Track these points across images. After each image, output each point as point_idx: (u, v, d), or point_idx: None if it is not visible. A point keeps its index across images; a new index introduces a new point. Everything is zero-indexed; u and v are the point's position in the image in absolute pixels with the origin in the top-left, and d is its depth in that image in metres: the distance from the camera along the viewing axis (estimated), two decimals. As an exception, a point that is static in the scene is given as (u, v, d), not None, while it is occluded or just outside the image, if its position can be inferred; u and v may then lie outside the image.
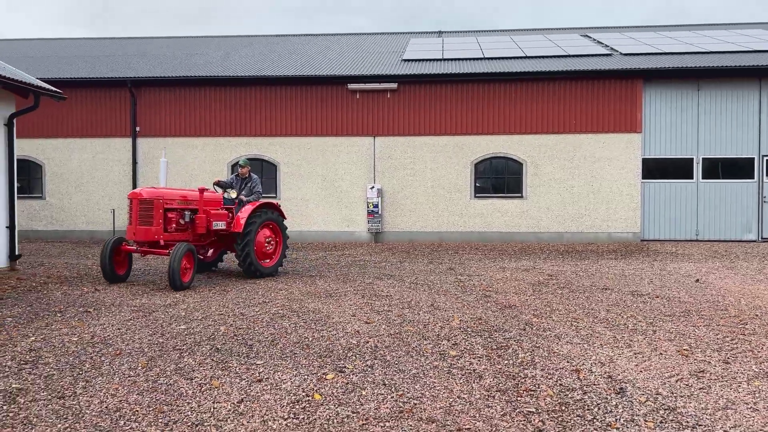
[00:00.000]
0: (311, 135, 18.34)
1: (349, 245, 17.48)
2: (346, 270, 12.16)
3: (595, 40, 22.64)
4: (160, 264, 12.66)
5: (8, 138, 11.20)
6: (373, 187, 18.00)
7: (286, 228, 11.62)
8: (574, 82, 17.81)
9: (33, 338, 6.24)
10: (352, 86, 17.98)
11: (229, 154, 18.41)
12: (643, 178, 17.84)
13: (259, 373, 5.17)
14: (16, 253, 11.40)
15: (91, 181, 18.68)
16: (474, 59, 19.74)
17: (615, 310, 8.11)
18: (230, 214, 10.94)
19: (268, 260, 11.15)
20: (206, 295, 8.98)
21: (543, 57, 19.60)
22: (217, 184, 11.56)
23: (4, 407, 4.29)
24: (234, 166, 18.54)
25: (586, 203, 17.85)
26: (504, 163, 18.08)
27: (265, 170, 18.51)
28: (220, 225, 10.60)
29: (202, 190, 10.57)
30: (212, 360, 5.54)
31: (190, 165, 18.46)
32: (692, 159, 17.82)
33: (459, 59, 19.76)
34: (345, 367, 5.34)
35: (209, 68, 19.29)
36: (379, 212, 18.08)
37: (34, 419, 4.08)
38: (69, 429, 3.93)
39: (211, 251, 11.50)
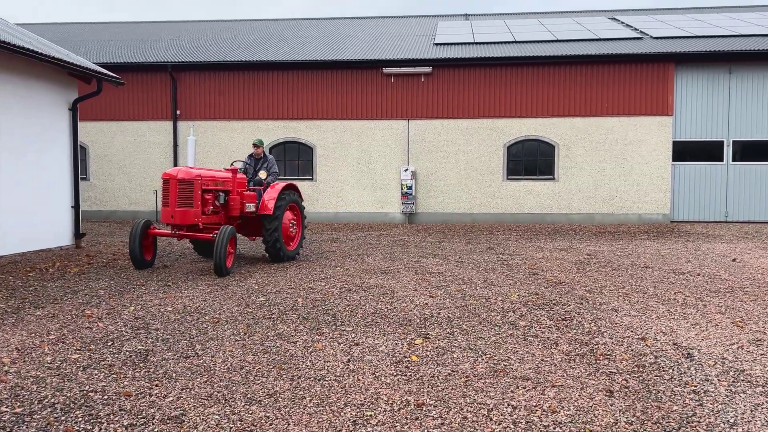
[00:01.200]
0: (347, 118, 18.76)
1: (384, 226, 17.97)
2: (389, 249, 12.63)
3: (623, 23, 22.76)
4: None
5: (72, 122, 11.75)
6: (407, 169, 18.43)
7: (305, 215, 11.32)
8: (606, 65, 18.05)
9: (132, 308, 6.79)
10: (387, 70, 18.35)
11: (266, 137, 18.88)
12: (673, 160, 18.12)
13: (351, 338, 5.67)
14: (80, 231, 11.99)
15: (133, 164, 19.27)
16: (505, 43, 19.99)
17: (661, 286, 8.53)
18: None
19: (290, 243, 10.83)
20: (269, 272, 9.50)
21: (574, 41, 19.81)
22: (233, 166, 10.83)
23: (141, 364, 4.83)
24: (272, 149, 19.04)
25: (617, 185, 18.18)
26: (536, 146, 18.43)
27: (301, 153, 19.00)
28: (251, 207, 10.16)
29: (234, 171, 10.11)
30: (304, 327, 6.06)
31: (229, 147, 18.97)
32: (723, 142, 18.06)
33: (490, 43, 20.02)
34: (428, 334, 5.83)
35: (247, 52, 19.72)
36: (413, 194, 18.52)
37: (173, 374, 4.61)
38: (207, 382, 4.45)
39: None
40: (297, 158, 19.09)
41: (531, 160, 18.54)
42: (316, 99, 18.79)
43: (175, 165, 18.91)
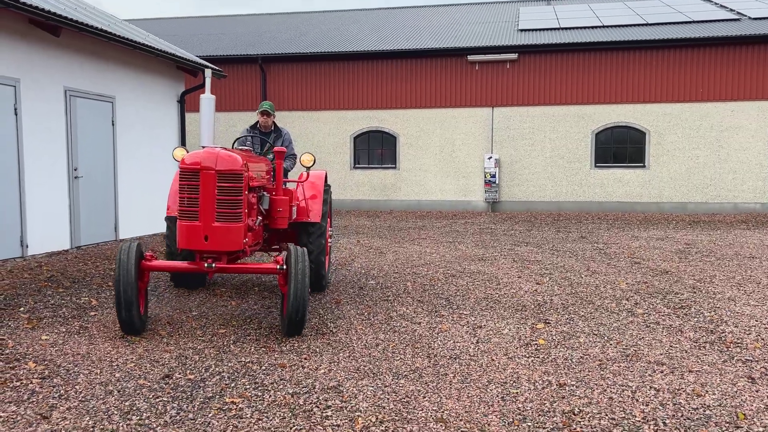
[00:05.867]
0: (430, 107, 18.88)
1: (467, 214, 18.03)
2: (479, 237, 12.71)
3: (717, 3, 21.74)
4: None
5: (181, 113, 12.42)
6: (490, 157, 18.39)
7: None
8: (701, 48, 17.35)
9: (257, 288, 7.22)
10: (471, 58, 18.31)
11: (351, 127, 19.27)
12: (774, 147, 17.29)
13: (472, 321, 5.85)
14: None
15: (224, 152, 20.06)
16: (592, 27, 19.53)
17: (775, 277, 8.27)
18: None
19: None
20: (369, 257, 9.80)
21: (665, 23, 19.13)
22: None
23: (284, 339, 5.18)
24: (356, 138, 19.37)
25: (712, 173, 17.52)
26: (625, 133, 17.98)
27: (385, 142, 19.28)
28: (295, 213, 6.61)
29: (280, 154, 6.22)
30: (422, 309, 6.28)
31: (315, 137, 19.48)
32: (830, 127, 17.06)
33: (576, 28, 19.61)
34: (548, 319, 5.93)
35: (332, 44, 20.12)
36: (497, 182, 18.47)
37: (316, 349, 4.92)
38: (350, 357, 4.74)
39: None
40: (380, 147, 19.39)
41: (620, 148, 18.11)
42: (400, 88, 18.98)
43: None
